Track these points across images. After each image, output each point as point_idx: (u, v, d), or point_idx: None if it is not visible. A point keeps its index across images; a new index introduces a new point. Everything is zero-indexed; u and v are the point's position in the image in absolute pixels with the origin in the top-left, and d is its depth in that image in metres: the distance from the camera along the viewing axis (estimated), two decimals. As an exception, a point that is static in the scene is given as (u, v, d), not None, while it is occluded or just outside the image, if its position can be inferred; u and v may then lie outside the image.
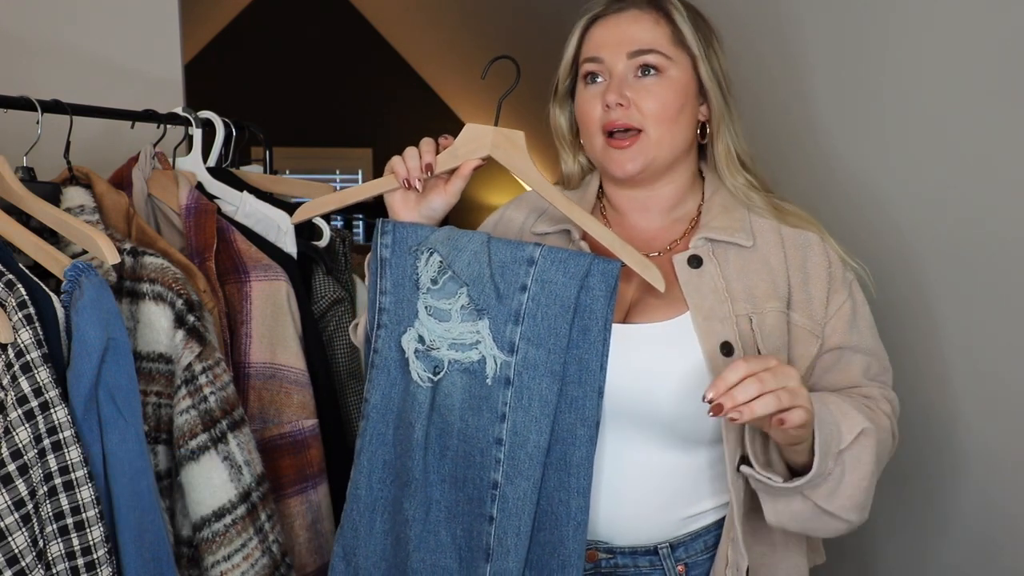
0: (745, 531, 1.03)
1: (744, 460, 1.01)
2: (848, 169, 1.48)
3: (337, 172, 5.74)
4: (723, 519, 1.05)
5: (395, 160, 1.05)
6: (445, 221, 1.11)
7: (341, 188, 1.22)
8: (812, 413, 0.90)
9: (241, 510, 1.10)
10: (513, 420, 0.99)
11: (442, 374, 1.02)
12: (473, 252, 1.01)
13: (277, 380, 1.25)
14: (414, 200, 1.07)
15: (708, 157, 1.13)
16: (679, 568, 1.05)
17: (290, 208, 1.43)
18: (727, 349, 0.99)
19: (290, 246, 1.37)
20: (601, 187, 1.17)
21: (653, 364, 1.01)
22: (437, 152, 1.05)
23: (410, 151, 1.04)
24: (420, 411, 1.03)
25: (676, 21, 1.05)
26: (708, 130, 1.10)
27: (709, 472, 1.04)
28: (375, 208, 1.24)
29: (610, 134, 1.06)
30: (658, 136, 1.04)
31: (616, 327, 0.99)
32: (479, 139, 1.05)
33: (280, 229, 1.40)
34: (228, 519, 1.09)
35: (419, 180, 1.03)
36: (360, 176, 5.78)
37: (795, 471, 0.97)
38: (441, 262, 1.02)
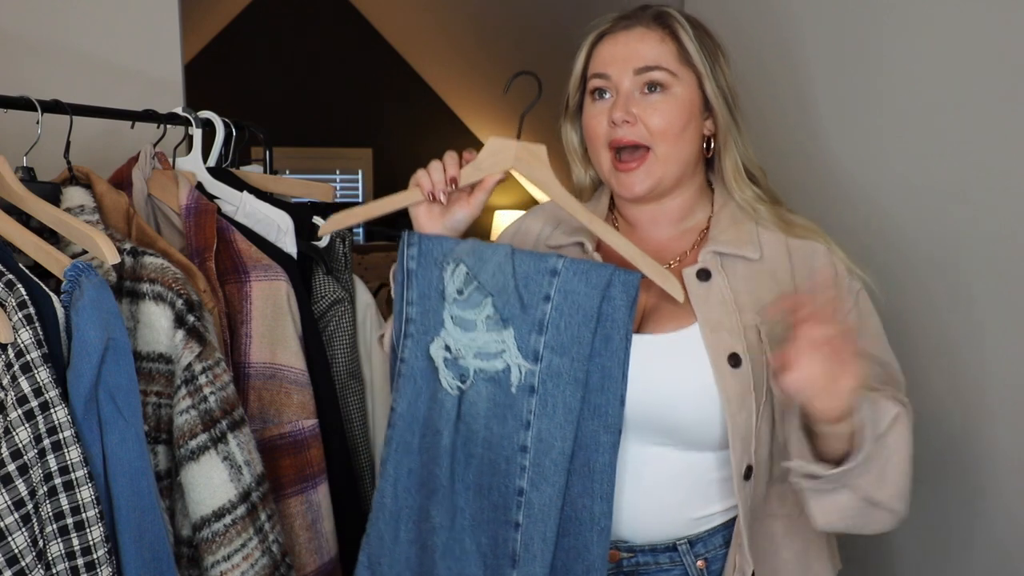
0: (757, 538, 1.05)
1: (748, 470, 1.02)
2: (851, 176, 1.48)
3: (337, 172, 5.73)
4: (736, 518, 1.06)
5: (420, 173, 1.07)
6: (467, 233, 1.13)
7: (341, 188, 1.23)
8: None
9: (241, 510, 1.10)
10: (538, 427, 1.01)
11: (468, 382, 1.04)
12: (498, 263, 1.03)
13: (277, 380, 1.25)
14: (438, 212, 1.09)
15: (716, 169, 1.14)
16: (699, 564, 1.06)
17: (290, 208, 1.44)
18: (735, 360, 1.01)
19: (290, 246, 1.37)
20: (612, 199, 1.19)
21: (663, 373, 1.03)
22: (460, 166, 1.07)
23: (435, 164, 1.06)
24: (448, 419, 1.05)
25: (682, 39, 1.07)
26: (714, 144, 1.11)
27: (717, 475, 1.06)
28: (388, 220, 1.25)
29: (617, 153, 1.08)
30: (664, 153, 1.06)
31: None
32: (502, 152, 1.07)
33: (280, 229, 1.40)
34: (228, 519, 1.09)
35: (444, 193, 1.06)
36: (360, 176, 5.77)
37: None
38: (467, 273, 1.04)
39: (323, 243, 1.48)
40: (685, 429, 1.03)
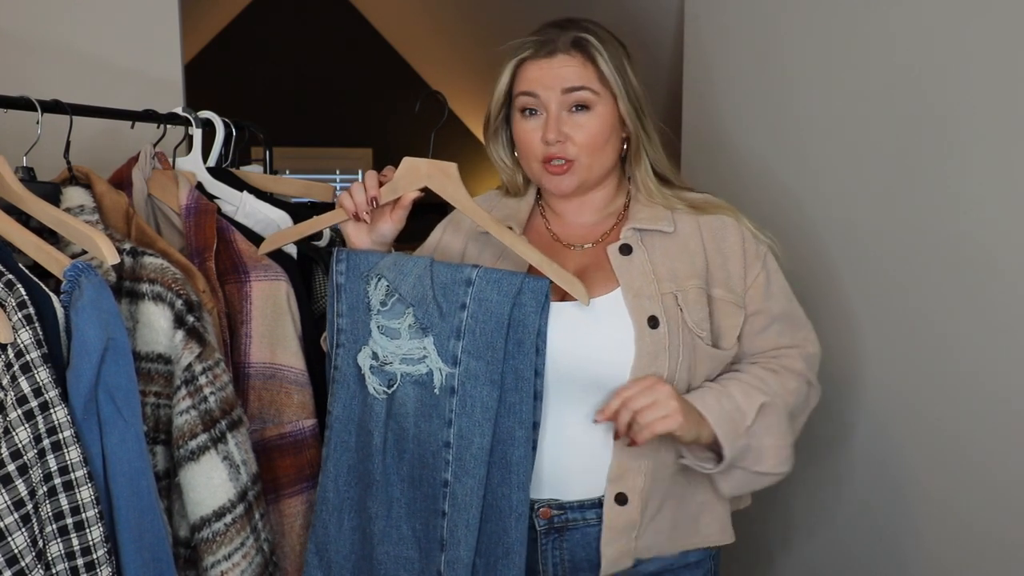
0: (683, 475, 1.20)
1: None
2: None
3: (337, 172, 5.74)
4: None
5: (343, 195, 1.19)
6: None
7: (340, 188, 1.27)
8: (680, 418, 1.07)
9: (240, 509, 1.10)
10: (459, 425, 1.10)
11: (395, 386, 1.14)
12: (417, 276, 1.13)
13: (277, 380, 1.25)
14: (365, 229, 1.20)
15: (630, 166, 1.25)
16: None
17: (290, 208, 1.44)
18: (654, 322, 1.14)
19: (290, 246, 1.37)
20: (539, 192, 1.31)
21: (590, 334, 1.15)
22: (380, 185, 1.17)
23: (356, 186, 1.18)
24: (378, 420, 1.15)
25: (599, 64, 1.16)
26: (628, 151, 1.23)
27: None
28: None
29: (547, 159, 1.18)
30: (589, 163, 1.18)
31: (558, 305, 1.13)
32: (415, 172, 1.16)
33: (280, 229, 1.40)
34: (228, 518, 1.09)
35: (366, 212, 1.17)
36: (360, 176, 5.77)
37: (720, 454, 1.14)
38: (388, 286, 1.14)
39: (323, 243, 1.48)
40: (609, 380, 1.13)
